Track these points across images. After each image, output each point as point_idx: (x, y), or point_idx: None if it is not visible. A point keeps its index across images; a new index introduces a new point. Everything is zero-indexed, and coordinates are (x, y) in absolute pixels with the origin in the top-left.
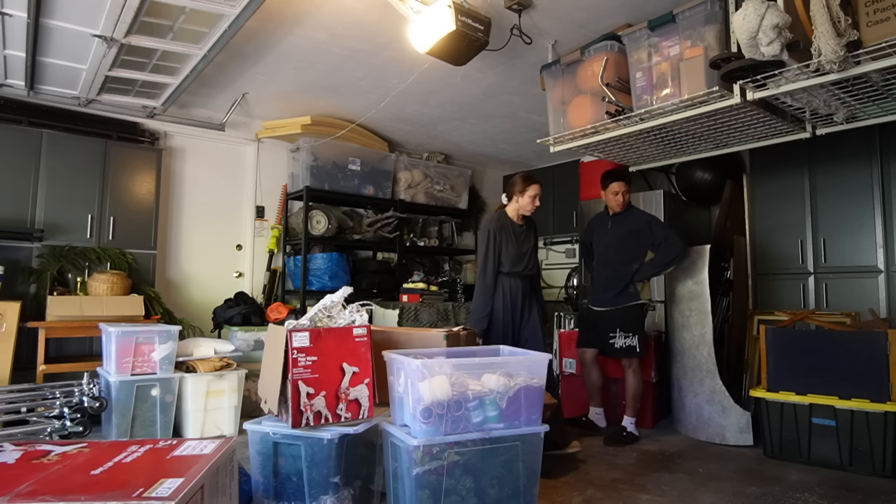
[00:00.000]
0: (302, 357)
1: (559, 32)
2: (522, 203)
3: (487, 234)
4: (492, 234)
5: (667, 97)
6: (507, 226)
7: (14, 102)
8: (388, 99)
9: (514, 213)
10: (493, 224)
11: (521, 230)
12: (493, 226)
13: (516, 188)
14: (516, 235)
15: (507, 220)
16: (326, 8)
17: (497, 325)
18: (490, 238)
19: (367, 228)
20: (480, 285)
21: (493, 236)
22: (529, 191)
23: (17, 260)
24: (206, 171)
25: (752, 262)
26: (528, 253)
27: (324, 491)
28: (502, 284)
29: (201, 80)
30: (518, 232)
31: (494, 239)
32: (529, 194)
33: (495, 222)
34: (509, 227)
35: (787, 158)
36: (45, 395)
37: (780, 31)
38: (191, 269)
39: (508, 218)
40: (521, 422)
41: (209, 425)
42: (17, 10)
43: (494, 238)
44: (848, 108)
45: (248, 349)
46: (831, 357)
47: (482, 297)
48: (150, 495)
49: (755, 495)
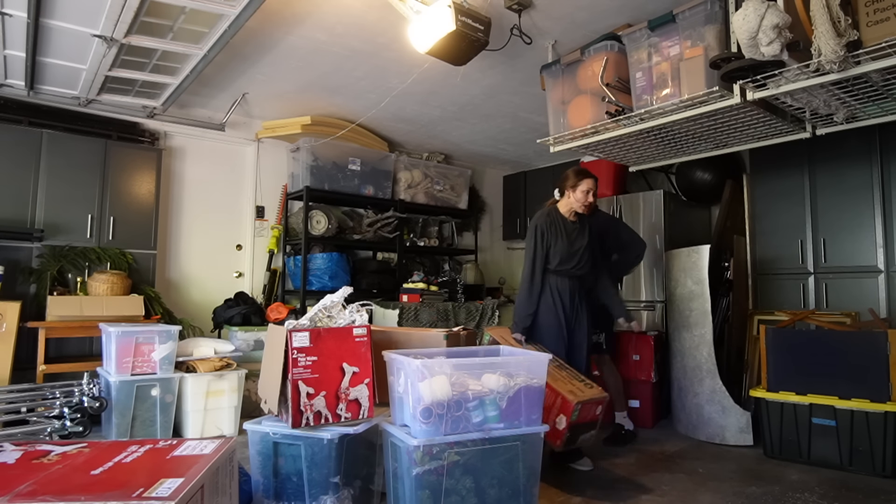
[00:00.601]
0: (302, 357)
1: (559, 32)
2: (574, 198)
3: (535, 230)
4: (539, 229)
5: (667, 97)
6: (556, 221)
7: (14, 102)
8: (388, 99)
9: (566, 209)
10: (542, 219)
11: (574, 227)
12: (542, 221)
13: (568, 183)
14: (567, 232)
15: (558, 216)
16: (326, 8)
17: (544, 326)
18: (537, 234)
19: (367, 228)
20: (526, 283)
21: (540, 232)
22: (582, 185)
23: (17, 260)
24: (206, 171)
25: (752, 262)
26: (581, 251)
27: (324, 491)
28: (549, 283)
29: (201, 80)
30: (570, 229)
31: (542, 235)
32: (582, 189)
33: (544, 217)
34: (559, 222)
35: (787, 158)
36: (45, 395)
37: (780, 31)
38: (191, 269)
39: (559, 213)
40: (521, 422)
41: (209, 425)
42: (17, 10)
43: (542, 234)
44: (848, 108)
45: (248, 349)
46: (831, 357)
47: (527, 295)
48: (150, 495)
49: (755, 495)
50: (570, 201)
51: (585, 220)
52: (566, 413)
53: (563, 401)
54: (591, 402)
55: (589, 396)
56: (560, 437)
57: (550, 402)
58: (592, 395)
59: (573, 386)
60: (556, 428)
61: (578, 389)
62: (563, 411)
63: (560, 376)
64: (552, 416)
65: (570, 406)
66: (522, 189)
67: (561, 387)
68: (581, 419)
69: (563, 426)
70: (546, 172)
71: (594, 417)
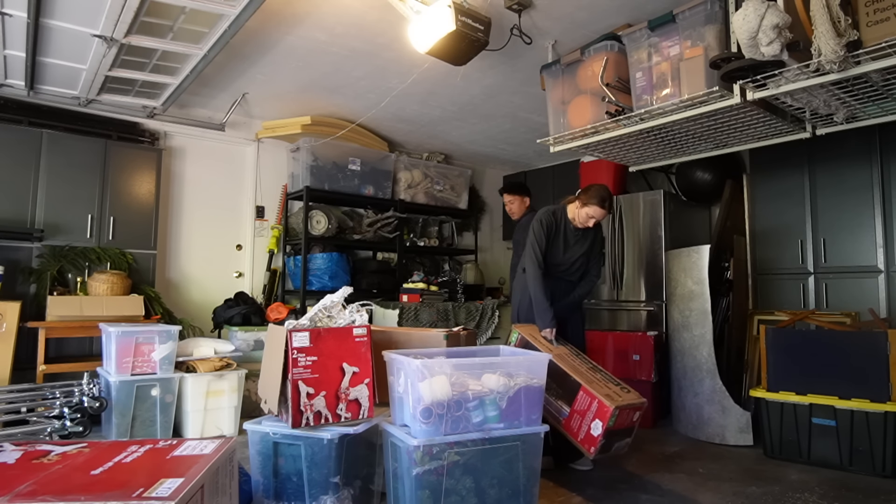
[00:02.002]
0: (302, 357)
1: (559, 32)
2: (579, 213)
3: (537, 224)
4: (542, 224)
5: (667, 97)
6: (560, 223)
7: (14, 102)
8: (388, 99)
9: (572, 215)
10: (547, 217)
11: (576, 234)
12: (546, 217)
13: (584, 196)
14: (566, 236)
15: (563, 218)
16: (326, 8)
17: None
18: (539, 227)
19: (367, 228)
20: (532, 276)
21: (543, 226)
22: (589, 209)
23: (17, 260)
24: (206, 171)
25: (752, 262)
26: (574, 260)
27: (324, 491)
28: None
29: (201, 80)
30: (570, 234)
31: (545, 230)
32: (587, 212)
33: (549, 215)
34: (563, 224)
35: (787, 158)
36: (45, 395)
37: (780, 31)
38: (191, 269)
39: (566, 215)
40: (521, 422)
41: (209, 425)
42: (17, 10)
43: (546, 229)
44: (848, 108)
45: (248, 349)
46: (831, 357)
47: (538, 287)
48: (150, 495)
49: (755, 495)
50: (575, 212)
51: (591, 230)
52: (603, 418)
53: (599, 405)
54: (629, 407)
55: (627, 401)
56: (595, 444)
57: (585, 406)
58: (630, 399)
59: (609, 389)
60: (591, 434)
61: (615, 393)
62: (599, 416)
63: (594, 379)
64: (587, 420)
65: (608, 411)
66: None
67: (597, 390)
68: (618, 425)
69: (600, 432)
70: (546, 172)
71: (631, 424)
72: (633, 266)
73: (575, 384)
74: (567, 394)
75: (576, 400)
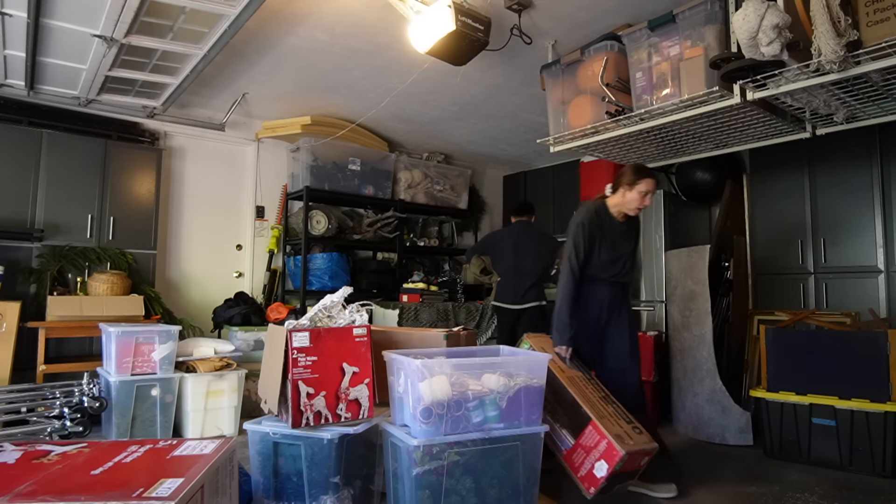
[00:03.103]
0: (302, 357)
1: (559, 32)
2: (629, 199)
3: (580, 229)
4: (585, 227)
5: (667, 97)
6: (604, 221)
7: (14, 102)
8: (388, 99)
9: (616, 209)
10: (588, 216)
11: (622, 230)
12: (588, 218)
13: (624, 179)
14: (613, 234)
15: (606, 215)
16: (326, 8)
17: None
18: (580, 231)
19: (367, 228)
20: (565, 285)
21: (584, 230)
22: (640, 185)
23: (17, 260)
24: (206, 171)
25: (752, 262)
26: (625, 258)
27: (324, 491)
28: (584, 291)
29: (201, 80)
30: (616, 231)
31: (587, 234)
32: (639, 189)
33: (592, 215)
34: (607, 222)
35: (787, 158)
36: (45, 395)
37: (780, 31)
38: (191, 269)
39: (608, 212)
40: (520, 422)
41: (209, 425)
42: (17, 10)
43: (588, 233)
44: (848, 108)
45: (248, 349)
46: (831, 357)
47: (566, 299)
48: (150, 495)
49: (755, 495)
50: (623, 201)
51: (635, 221)
52: (610, 461)
53: (609, 447)
54: (639, 452)
55: (639, 447)
56: (596, 486)
57: (592, 444)
58: (642, 444)
59: (620, 428)
60: (594, 474)
61: (626, 434)
62: (606, 458)
63: (606, 413)
64: (591, 458)
65: (617, 455)
66: (522, 189)
67: (608, 428)
68: (624, 468)
69: (604, 474)
70: (546, 172)
71: (638, 467)
72: None
73: (584, 416)
74: (574, 424)
75: (583, 434)
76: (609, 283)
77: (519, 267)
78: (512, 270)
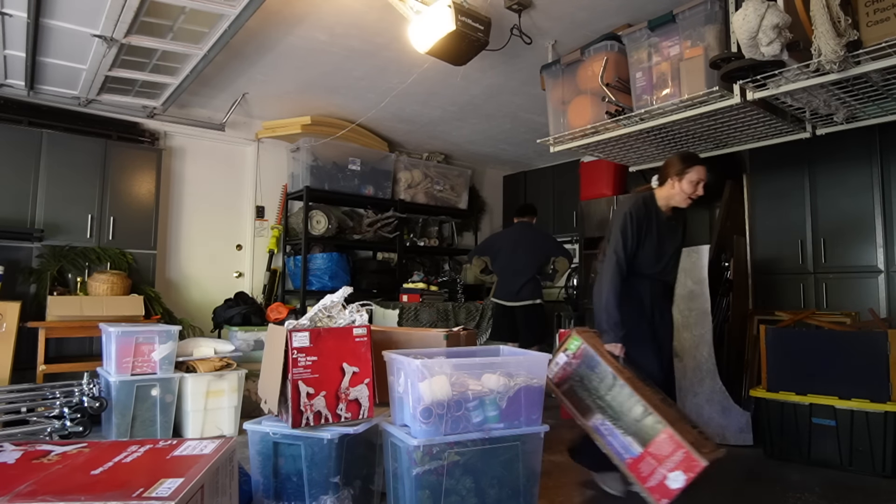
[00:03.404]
0: (302, 357)
1: (559, 32)
2: (679, 190)
3: (629, 220)
4: (633, 218)
5: (667, 97)
6: (652, 214)
7: (14, 102)
8: (388, 99)
9: (664, 202)
10: (637, 208)
11: (669, 225)
12: (637, 210)
13: (673, 170)
14: (660, 229)
15: (655, 208)
16: (326, 8)
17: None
18: (629, 223)
19: (367, 228)
20: (611, 280)
21: (634, 221)
22: (690, 174)
23: (17, 260)
24: (206, 171)
25: (752, 262)
26: (669, 254)
27: (324, 491)
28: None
29: (201, 80)
30: (663, 225)
31: (636, 226)
32: (690, 179)
33: (640, 206)
34: (654, 216)
35: (787, 158)
36: (45, 395)
37: (780, 31)
38: (191, 269)
39: (656, 205)
40: (521, 422)
41: (209, 425)
42: (17, 10)
43: (637, 225)
44: (848, 108)
45: (248, 349)
46: (831, 357)
47: (613, 294)
48: (150, 495)
49: (755, 495)
50: (672, 192)
51: (681, 215)
52: (689, 471)
53: (687, 457)
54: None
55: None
56: (669, 497)
57: (666, 453)
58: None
59: (692, 436)
60: (666, 485)
61: (698, 441)
62: (684, 468)
63: (675, 417)
64: (664, 468)
65: (699, 467)
66: (522, 189)
67: (684, 436)
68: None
69: (680, 486)
70: (546, 172)
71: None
72: None
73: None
74: (639, 431)
75: (653, 442)
76: (651, 281)
77: (514, 264)
78: (508, 268)
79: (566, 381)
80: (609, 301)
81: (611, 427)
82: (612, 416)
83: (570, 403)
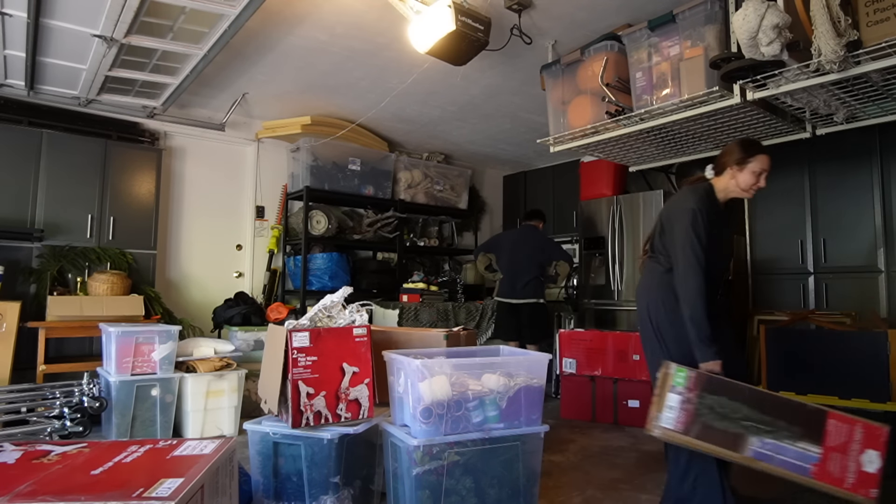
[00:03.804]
0: (302, 357)
1: (559, 32)
2: (740, 181)
3: (697, 214)
4: (703, 213)
5: (667, 97)
6: (713, 208)
7: (14, 102)
8: (388, 99)
9: (723, 194)
10: (701, 202)
11: (725, 218)
12: (701, 204)
13: (732, 158)
14: (720, 223)
15: (714, 201)
16: (326, 8)
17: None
18: (699, 218)
19: (367, 228)
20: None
21: (703, 216)
22: (752, 164)
23: (17, 260)
24: (206, 171)
25: (752, 262)
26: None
27: (324, 491)
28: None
29: (201, 80)
30: (722, 221)
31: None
32: (752, 169)
33: (703, 200)
34: (714, 210)
35: (787, 158)
36: (45, 395)
37: (780, 31)
38: (191, 269)
39: (716, 198)
40: (520, 422)
41: (209, 425)
42: (17, 10)
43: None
44: (848, 108)
45: (248, 349)
46: (831, 357)
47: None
48: (150, 495)
49: (755, 495)
50: (732, 183)
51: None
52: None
53: (867, 429)
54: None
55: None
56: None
57: (844, 438)
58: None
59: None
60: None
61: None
62: (871, 445)
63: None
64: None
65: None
66: (522, 189)
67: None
68: None
69: (878, 466)
70: (546, 172)
71: None
72: (632, 266)
73: (816, 413)
74: (806, 430)
75: (826, 434)
76: (715, 280)
77: (516, 264)
78: (510, 267)
79: (695, 421)
80: (697, 310)
81: (774, 443)
82: (769, 431)
83: (714, 444)
